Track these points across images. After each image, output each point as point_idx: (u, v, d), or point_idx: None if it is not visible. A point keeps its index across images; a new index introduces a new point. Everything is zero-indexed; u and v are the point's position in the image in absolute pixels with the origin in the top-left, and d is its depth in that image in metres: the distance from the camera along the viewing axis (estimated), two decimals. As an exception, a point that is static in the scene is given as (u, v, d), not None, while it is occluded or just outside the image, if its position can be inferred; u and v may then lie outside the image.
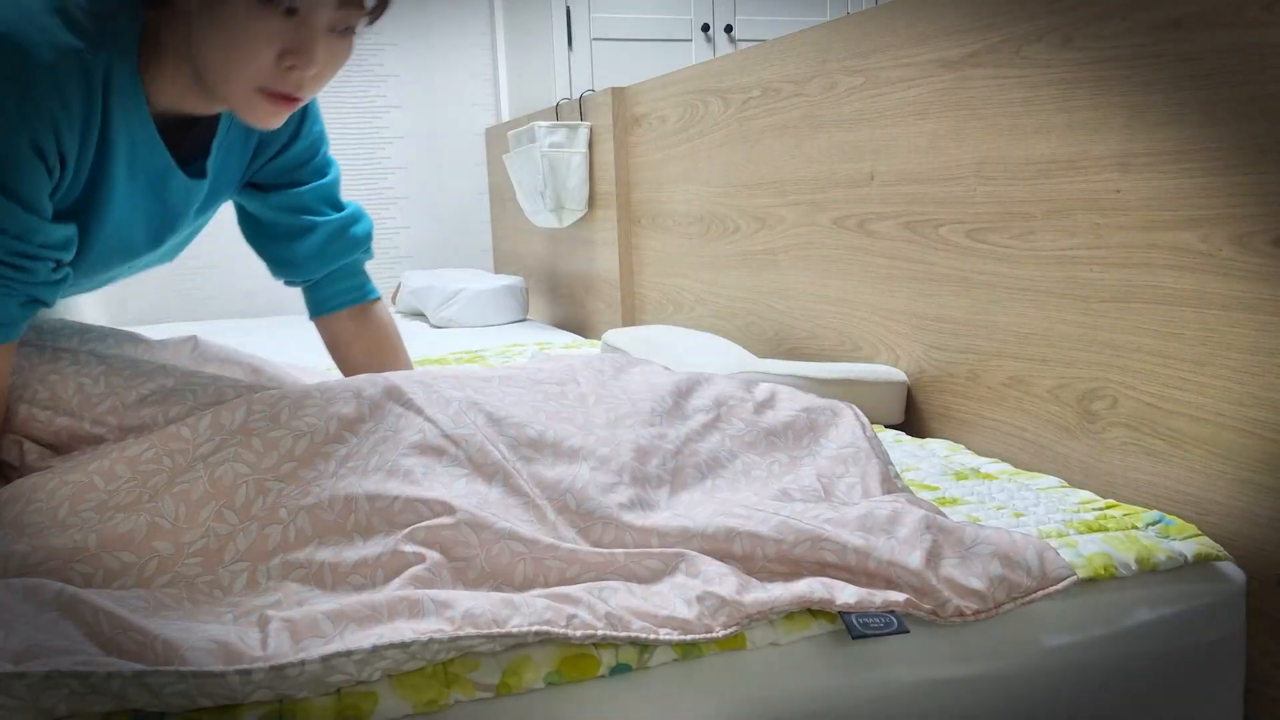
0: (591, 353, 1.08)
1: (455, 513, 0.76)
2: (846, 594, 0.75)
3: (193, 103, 0.95)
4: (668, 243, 2.22)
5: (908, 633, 0.75)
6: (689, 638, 0.71)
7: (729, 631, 0.73)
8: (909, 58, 1.41)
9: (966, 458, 1.24)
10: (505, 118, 3.41)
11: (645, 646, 0.71)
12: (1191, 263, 1.02)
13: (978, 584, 0.79)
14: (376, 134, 3.33)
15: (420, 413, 0.86)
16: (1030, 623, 0.82)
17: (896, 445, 1.30)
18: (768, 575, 0.79)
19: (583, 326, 2.63)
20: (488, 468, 0.82)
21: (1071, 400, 1.18)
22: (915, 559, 0.78)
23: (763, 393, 1.03)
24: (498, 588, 0.75)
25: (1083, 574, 0.85)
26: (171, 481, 0.79)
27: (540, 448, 0.86)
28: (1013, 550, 0.81)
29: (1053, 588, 0.80)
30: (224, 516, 0.78)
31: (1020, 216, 1.23)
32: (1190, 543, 0.92)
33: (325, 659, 0.63)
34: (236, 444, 0.82)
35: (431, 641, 0.65)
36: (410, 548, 0.74)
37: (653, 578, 0.77)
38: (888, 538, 0.80)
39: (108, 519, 0.77)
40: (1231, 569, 0.93)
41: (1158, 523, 0.97)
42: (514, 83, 3.38)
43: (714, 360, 1.57)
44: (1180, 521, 0.97)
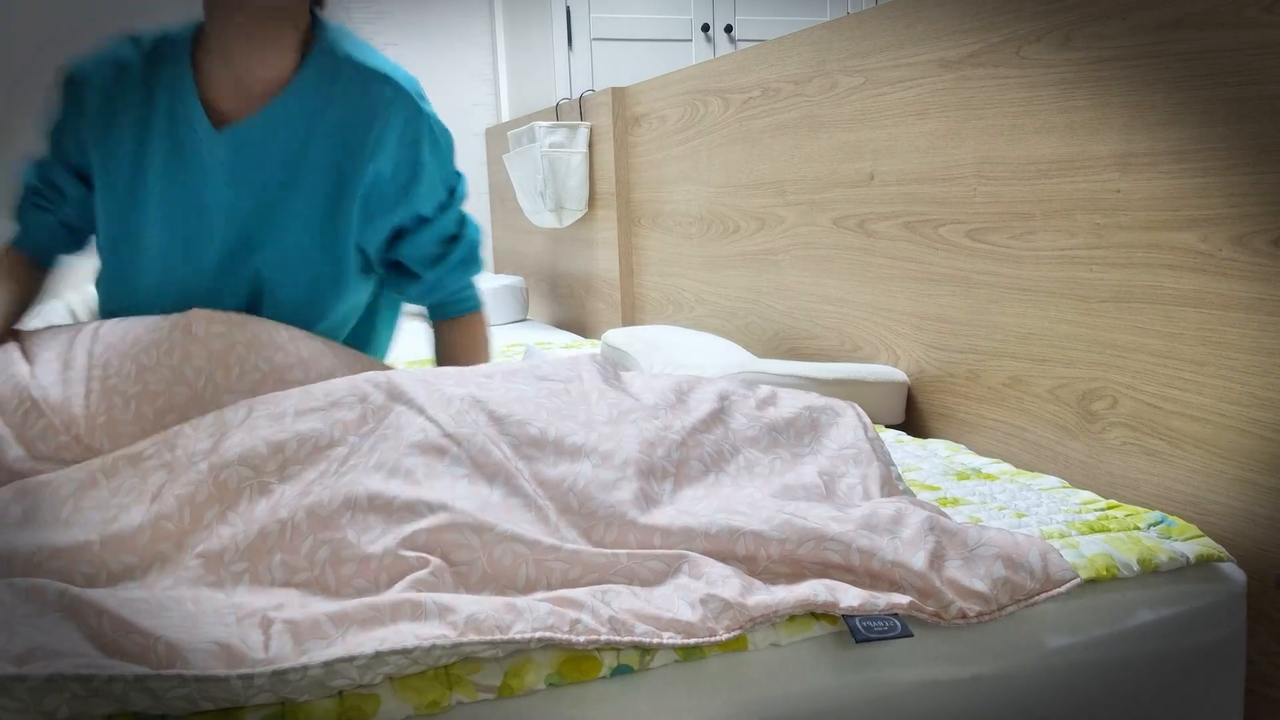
0: (592, 353, 1.08)
1: (456, 513, 0.76)
2: (850, 597, 0.75)
3: (230, 91, 1.12)
4: (668, 243, 2.22)
5: (911, 636, 0.75)
6: (692, 641, 0.71)
7: (732, 634, 0.72)
8: (909, 58, 1.41)
9: (968, 458, 1.24)
10: (505, 118, 3.41)
11: (648, 649, 0.71)
12: (1191, 263, 1.02)
13: (981, 586, 0.78)
14: (376, 134, 3.33)
15: (422, 412, 0.86)
16: (1032, 623, 0.82)
17: (898, 445, 1.30)
18: (771, 576, 0.79)
19: (583, 326, 2.63)
20: (489, 468, 0.82)
21: (1071, 400, 1.18)
22: (919, 560, 0.78)
23: (764, 392, 1.03)
24: (500, 591, 0.74)
25: (1085, 575, 0.85)
26: (175, 483, 0.79)
27: (542, 446, 0.86)
28: (1016, 552, 0.81)
29: (1056, 590, 0.80)
30: (227, 518, 0.78)
31: (1020, 216, 1.23)
32: (1192, 544, 0.92)
33: (327, 664, 0.63)
34: (240, 446, 0.82)
35: (435, 647, 0.65)
36: (411, 553, 0.74)
37: (656, 579, 0.77)
38: (891, 539, 0.80)
39: (111, 520, 0.77)
40: (1232, 569, 0.93)
41: (1159, 524, 0.97)
42: (514, 83, 3.38)
43: (714, 360, 1.57)
44: (1182, 522, 0.97)
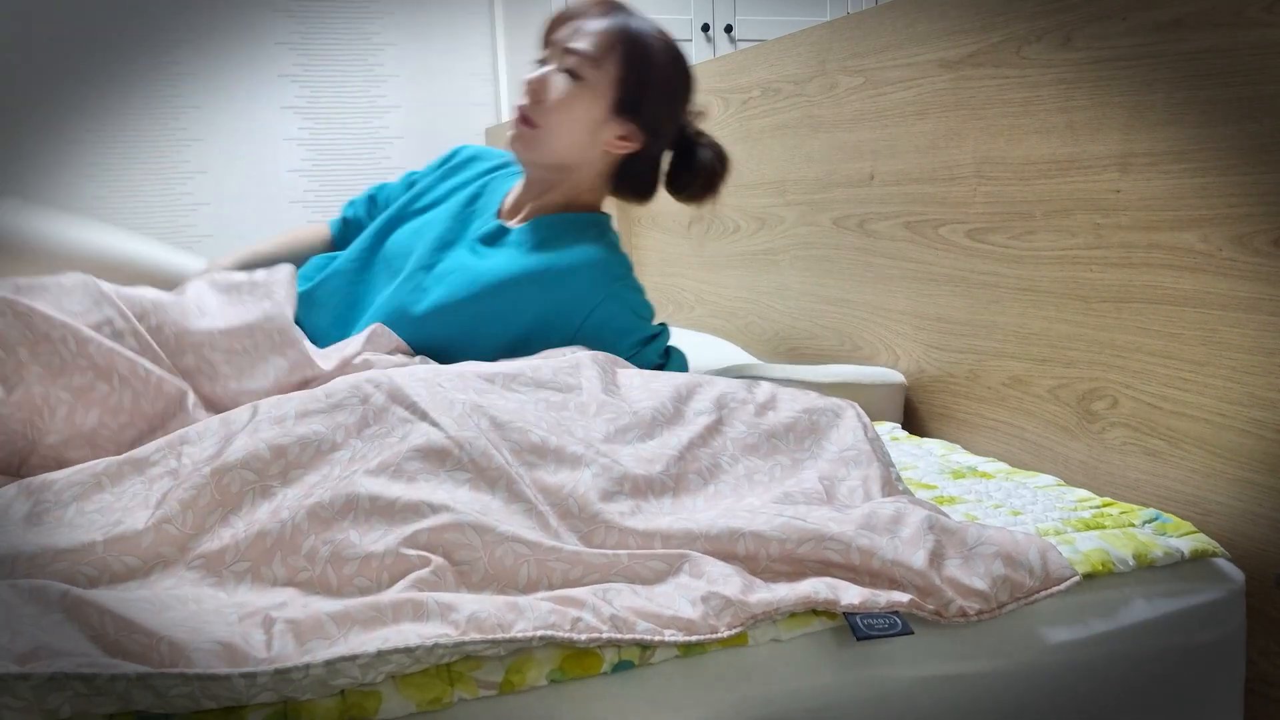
0: (592, 353, 1.08)
1: (458, 514, 0.77)
2: (851, 594, 0.76)
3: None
4: (668, 243, 2.22)
5: (912, 634, 0.75)
6: (694, 638, 0.71)
7: (733, 631, 0.73)
8: (909, 58, 1.41)
9: (963, 456, 1.25)
10: (505, 118, 3.41)
11: (649, 646, 0.72)
12: (1191, 263, 1.02)
13: (981, 584, 0.79)
14: (376, 134, 3.33)
15: (425, 416, 0.86)
16: (1031, 620, 0.82)
17: (894, 444, 1.30)
18: (771, 575, 0.79)
19: (583, 326, 2.63)
20: (491, 472, 0.82)
21: (1071, 400, 1.18)
22: (919, 559, 0.78)
23: (764, 394, 1.03)
24: (502, 590, 0.75)
25: (1081, 569, 0.85)
26: (178, 487, 0.79)
27: (544, 454, 0.86)
28: (1015, 550, 0.81)
29: (1055, 588, 0.81)
30: (229, 520, 0.79)
31: (1020, 216, 1.23)
32: (1187, 539, 0.93)
33: (329, 663, 0.63)
34: (243, 450, 0.82)
35: (437, 646, 0.65)
36: (413, 552, 0.74)
37: (656, 579, 0.77)
38: (891, 538, 0.80)
39: (115, 523, 0.77)
40: (1230, 567, 0.93)
41: (1154, 520, 0.97)
42: (514, 83, 3.38)
43: (713, 363, 1.58)
44: (1176, 519, 0.97)
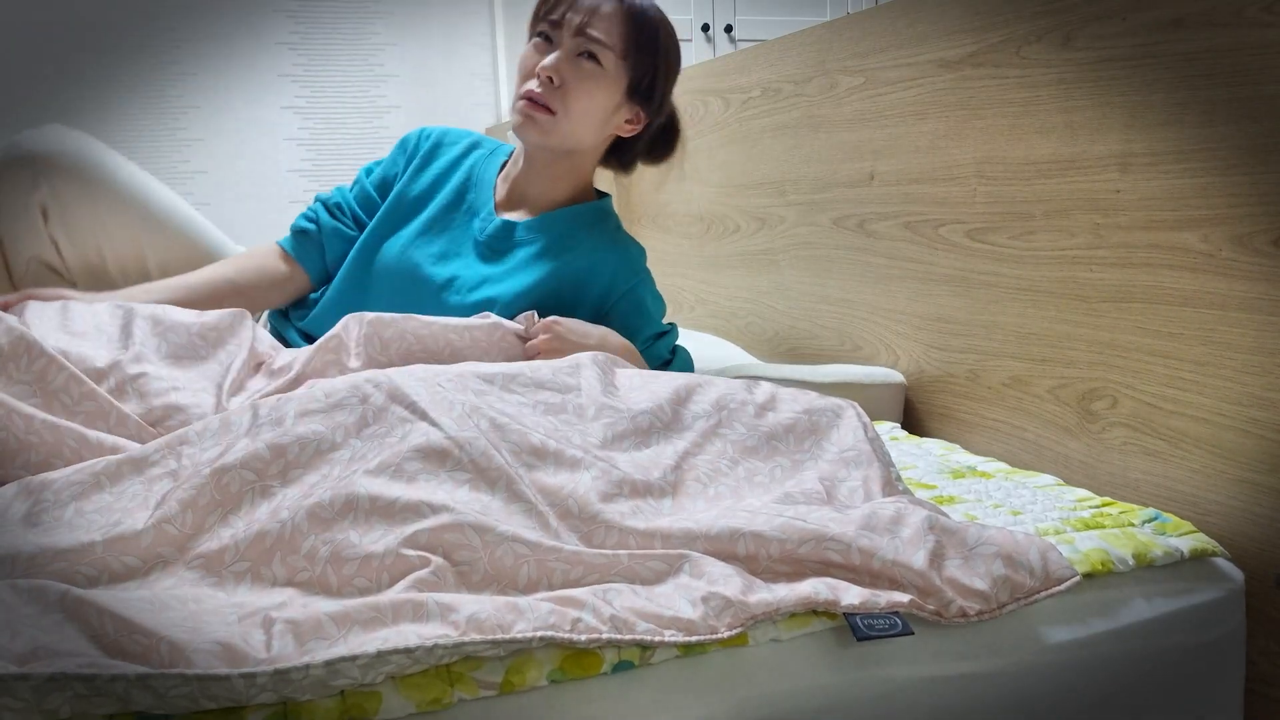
0: (592, 353, 1.08)
1: (458, 514, 0.77)
2: (851, 595, 0.75)
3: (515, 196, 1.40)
4: (668, 243, 2.22)
5: (912, 634, 0.75)
6: (694, 639, 0.71)
7: (734, 632, 0.72)
8: (909, 58, 1.41)
9: (963, 456, 1.25)
10: (505, 118, 3.41)
11: (649, 646, 0.72)
12: (1191, 263, 1.02)
13: (981, 584, 0.79)
14: (376, 134, 3.33)
15: (424, 416, 0.86)
16: (1030, 620, 0.82)
17: (893, 444, 1.30)
18: (771, 575, 0.79)
19: (583, 326, 2.63)
20: (491, 472, 0.82)
21: (1071, 400, 1.18)
22: (919, 559, 0.78)
23: (763, 394, 1.03)
24: (502, 591, 0.74)
25: (1080, 569, 0.85)
26: (178, 488, 0.79)
27: (543, 456, 0.86)
28: (1015, 551, 0.81)
29: (1056, 588, 0.80)
30: (229, 520, 0.79)
31: (1020, 216, 1.23)
32: (1186, 539, 0.93)
33: (329, 663, 0.63)
34: (243, 450, 0.82)
35: (436, 647, 0.65)
36: (413, 552, 0.74)
37: (656, 579, 0.77)
38: (891, 538, 0.80)
39: (115, 523, 0.77)
40: (1230, 567, 0.93)
41: (1154, 520, 0.97)
42: (514, 83, 3.38)
43: (713, 363, 1.58)
44: (1176, 518, 0.97)
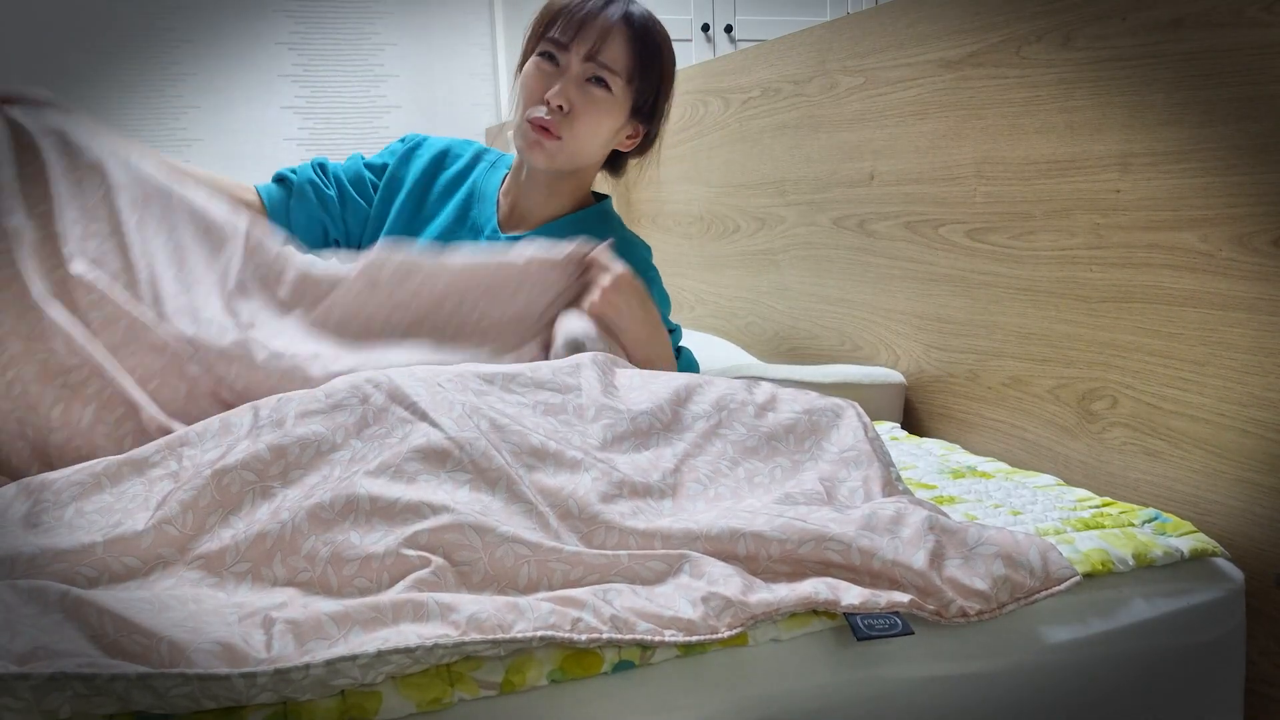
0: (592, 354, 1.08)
1: (459, 515, 0.77)
2: (851, 595, 0.75)
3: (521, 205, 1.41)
4: (668, 243, 2.22)
5: (912, 634, 0.75)
6: (694, 638, 0.71)
7: (734, 632, 0.72)
8: (909, 58, 1.41)
9: (962, 456, 1.25)
10: (505, 118, 3.41)
11: (649, 646, 0.72)
12: (1191, 263, 1.02)
13: (981, 584, 0.79)
14: (376, 134, 3.33)
15: (425, 417, 0.86)
16: (1030, 620, 0.82)
17: (893, 444, 1.30)
18: (772, 575, 0.79)
19: (583, 326, 2.62)
20: (491, 473, 0.82)
21: (1071, 400, 1.18)
22: (919, 559, 0.78)
23: (763, 394, 1.03)
24: (502, 591, 0.74)
25: (1080, 569, 0.85)
26: (179, 489, 0.79)
27: (543, 457, 0.86)
28: (1015, 551, 0.81)
29: (1056, 588, 0.80)
30: (229, 521, 0.79)
31: (1020, 216, 1.23)
32: (1186, 539, 0.93)
33: (329, 663, 0.63)
34: (244, 451, 0.82)
35: (436, 647, 0.65)
36: (413, 552, 0.74)
37: (656, 579, 0.77)
38: (892, 538, 0.80)
39: (115, 524, 0.77)
40: (1230, 567, 0.93)
41: (1154, 520, 0.98)
42: (514, 83, 3.38)
43: (713, 364, 1.58)
44: (1175, 518, 0.97)
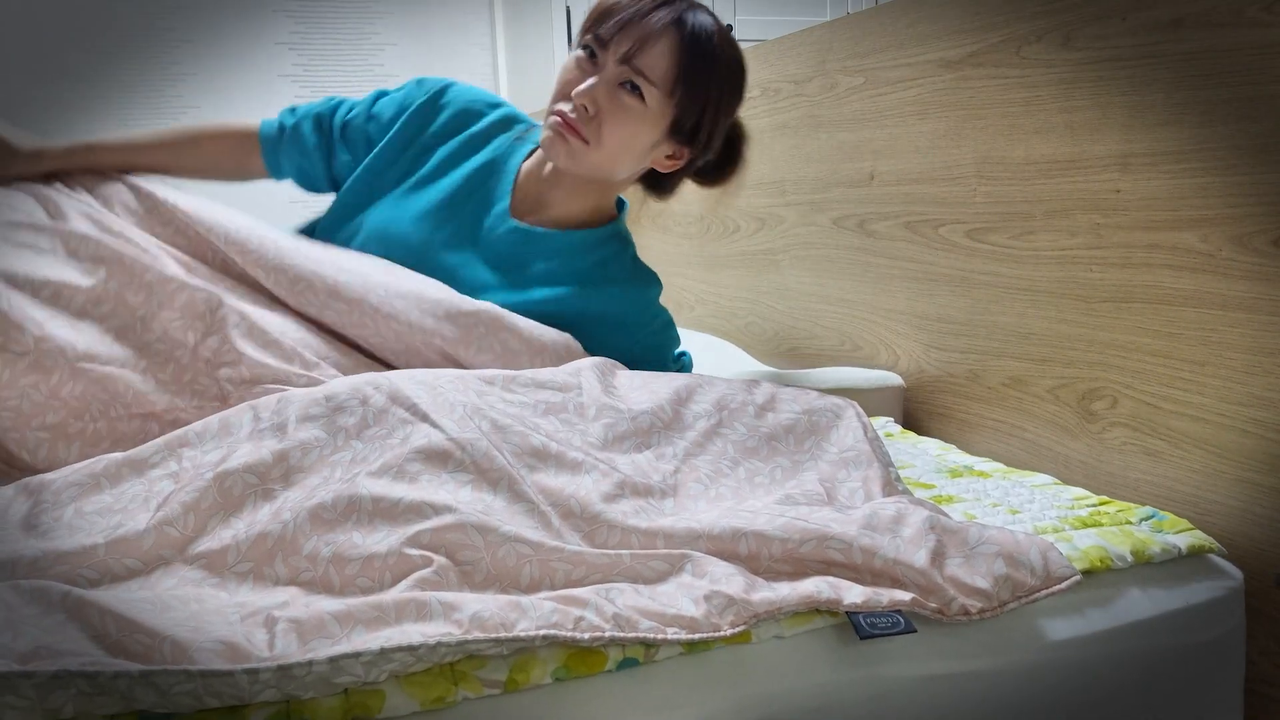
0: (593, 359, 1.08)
1: (461, 514, 0.77)
2: (853, 594, 0.76)
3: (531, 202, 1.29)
4: (668, 243, 2.22)
5: (914, 632, 0.75)
6: (697, 636, 0.71)
7: (736, 630, 0.73)
8: (909, 58, 1.41)
9: (959, 456, 1.25)
10: (504, 117, 3.42)
11: (652, 644, 0.72)
12: (1191, 263, 1.02)
13: (983, 583, 0.79)
14: (375, 134, 3.33)
15: (425, 418, 0.86)
16: (1030, 618, 0.82)
17: (890, 442, 1.30)
18: (773, 575, 0.79)
19: (582, 326, 2.62)
20: (493, 473, 0.82)
21: (1071, 400, 1.18)
22: (921, 558, 0.79)
23: (763, 394, 1.03)
24: (505, 590, 0.75)
25: (1079, 566, 0.85)
26: (180, 490, 0.79)
27: (544, 458, 0.87)
28: (1016, 550, 0.82)
29: (1057, 587, 0.81)
30: (230, 523, 0.79)
31: (1020, 216, 1.23)
32: (1183, 535, 0.93)
33: (333, 660, 0.63)
34: (246, 455, 0.82)
35: (440, 645, 0.65)
36: (416, 551, 0.74)
37: (659, 578, 0.77)
38: (893, 537, 0.81)
39: (116, 525, 0.77)
40: (1229, 566, 0.93)
41: (1150, 518, 0.98)
42: (514, 83, 3.38)
43: (712, 367, 1.58)
44: (1172, 516, 0.98)
